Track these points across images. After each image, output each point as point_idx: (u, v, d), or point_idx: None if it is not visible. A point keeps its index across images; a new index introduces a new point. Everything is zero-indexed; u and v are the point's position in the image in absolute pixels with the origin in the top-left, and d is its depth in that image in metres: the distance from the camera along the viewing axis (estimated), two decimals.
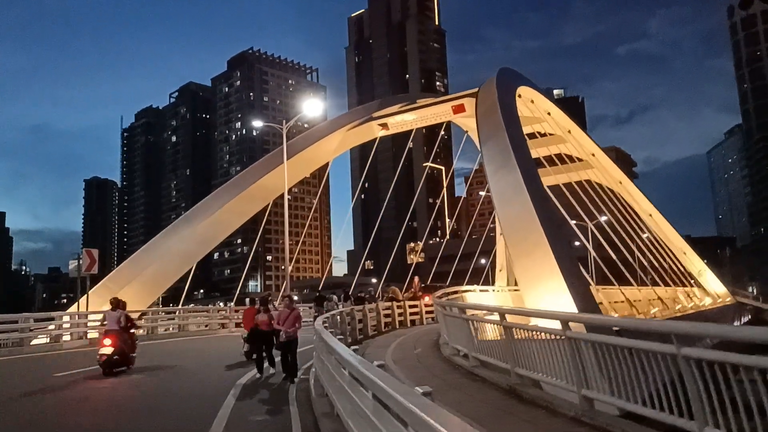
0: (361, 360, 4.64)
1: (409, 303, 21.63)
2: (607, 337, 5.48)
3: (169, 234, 31.62)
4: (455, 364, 10.06)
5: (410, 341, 14.72)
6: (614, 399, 5.43)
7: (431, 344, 13.42)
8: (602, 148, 55.01)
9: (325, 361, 7.52)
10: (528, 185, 22.20)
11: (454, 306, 9.98)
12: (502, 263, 53.20)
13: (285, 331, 10.78)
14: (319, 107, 27.95)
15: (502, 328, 7.95)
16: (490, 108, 28.86)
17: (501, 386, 7.87)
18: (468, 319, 9.32)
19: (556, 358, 6.60)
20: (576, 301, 17.58)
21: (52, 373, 11.64)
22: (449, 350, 11.07)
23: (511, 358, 7.68)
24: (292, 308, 11.20)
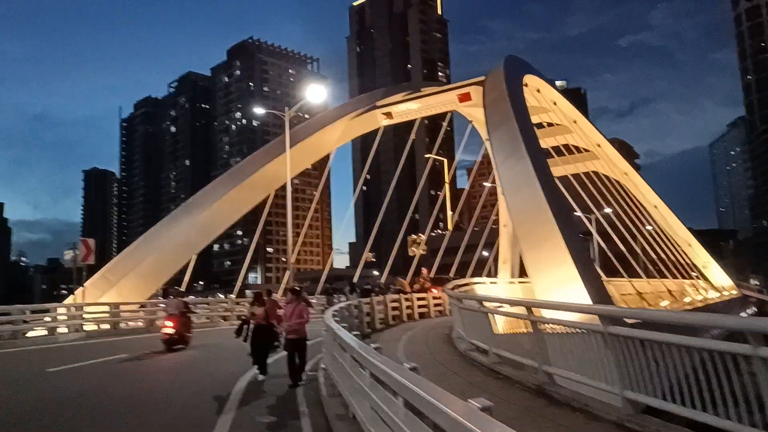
0: (388, 361, 4.04)
1: (416, 295, 21.06)
2: (661, 334, 4.87)
3: (169, 223, 31.00)
4: (473, 361, 9.48)
5: (420, 335, 14.15)
6: (670, 405, 4.82)
7: (443, 338, 12.84)
8: (606, 139, 54.34)
9: (338, 358, 6.93)
10: (538, 174, 21.57)
11: (472, 299, 9.38)
12: (506, 255, 52.66)
13: (288, 324, 9.47)
14: (323, 93, 27.19)
15: (528, 323, 7.34)
16: (499, 96, 28.18)
17: (527, 385, 7.28)
18: (488, 312, 8.72)
19: (593, 356, 6.00)
20: (590, 293, 16.99)
21: (44, 369, 11.06)
22: (465, 345, 10.48)
23: (539, 355, 7.08)
24: (298, 301, 9.89)
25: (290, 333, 9.59)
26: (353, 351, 5.14)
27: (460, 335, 11.50)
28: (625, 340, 5.36)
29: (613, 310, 6.25)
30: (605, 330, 5.52)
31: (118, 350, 13.88)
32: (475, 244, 51.50)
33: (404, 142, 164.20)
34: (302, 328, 9.65)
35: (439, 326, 15.85)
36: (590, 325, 5.89)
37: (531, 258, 19.29)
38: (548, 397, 6.61)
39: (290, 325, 9.55)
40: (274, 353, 10.92)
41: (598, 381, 5.90)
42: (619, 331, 5.44)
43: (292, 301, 9.95)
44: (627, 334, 5.32)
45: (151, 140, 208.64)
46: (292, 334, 9.55)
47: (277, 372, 10.21)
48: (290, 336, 9.59)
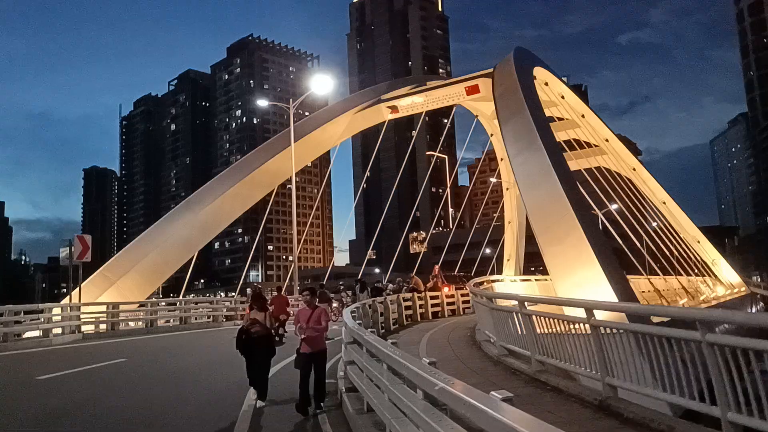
0: (471, 390, 3.08)
1: (430, 294, 20.07)
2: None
3: (170, 220, 30.02)
4: (510, 368, 8.50)
5: (441, 337, 13.16)
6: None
7: (467, 341, 11.88)
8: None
9: (369, 367, 5.94)
10: (555, 167, 20.58)
11: (509, 298, 8.40)
12: (510, 253, 51.86)
13: (302, 329, 7.34)
14: (329, 83, 26.21)
15: (587, 328, 6.36)
16: (510, 87, 27.18)
17: (586, 399, 6.30)
18: (530, 314, 7.73)
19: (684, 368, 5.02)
20: (616, 290, 16.02)
21: (33, 376, 10.07)
22: (497, 350, 9.50)
23: (602, 365, 6.10)
24: (313, 305, 7.72)
25: (304, 345, 7.49)
26: (402, 366, 4.14)
27: (488, 338, 10.54)
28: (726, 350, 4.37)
29: (708, 314, 5.26)
30: (704, 339, 4.53)
31: (116, 354, 12.92)
32: (476, 242, 50.69)
33: (404, 140, 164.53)
34: (320, 339, 7.56)
35: (458, 327, 14.89)
36: (683, 333, 4.90)
37: (551, 255, 18.30)
38: (617, 415, 5.63)
39: (305, 334, 7.39)
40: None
41: (688, 399, 4.91)
42: (726, 340, 4.44)
43: (309, 304, 7.77)
44: (736, 344, 4.33)
45: (151, 138, 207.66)
46: (308, 346, 7.45)
47: (282, 391, 8.47)
48: (304, 350, 7.49)
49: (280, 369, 10.17)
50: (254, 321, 8.32)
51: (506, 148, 23.82)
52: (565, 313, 6.83)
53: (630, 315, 8.26)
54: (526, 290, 25.17)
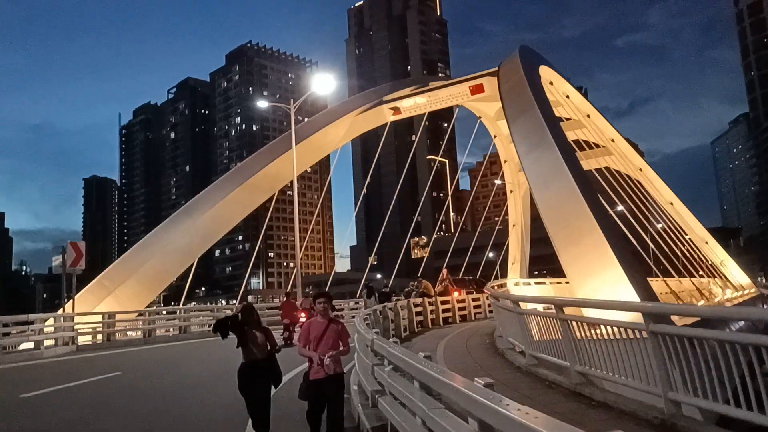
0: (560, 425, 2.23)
1: (440, 299, 19.19)
2: None
3: (169, 227, 29.19)
4: (543, 379, 7.65)
5: (457, 345, 12.29)
6: None
7: (488, 349, 11.03)
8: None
9: (392, 383, 5.09)
10: (569, 165, 19.77)
11: (544, 303, 7.56)
12: (515, 256, 51.04)
13: (321, 358, 5.40)
14: (331, 83, 25.44)
15: (641, 334, 5.51)
16: (517, 84, 26.41)
17: (643, 418, 5.46)
18: (567, 319, 6.88)
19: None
20: (639, 294, 15.16)
21: (18, 393, 9.21)
22: (525, 359, 8.64)
23: (664, 378, 5.25)
24: (330, 317, 5.74)
25: (318, 370, 5.47)
26: (458, 396, 3.26)
27: (512, 346, 9.69)
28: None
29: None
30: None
31: (110, 367, 12.06)
32: (479, 246, 49.98)
33: (404, 144, 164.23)
34: (339, 365, 5.59)
35: (474, 333, 14.04)
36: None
37: (568, 256, 17.45)
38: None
39: (318, 359, 5.45)
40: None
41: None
42: None
43: (322, 315, 5.72)
44: None
45: (151, 147, 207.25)
46: (323, 372, 5.44)
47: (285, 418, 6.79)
48: (317, 375, 5.49)
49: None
50: (253, 341, 6.10)
51: (516, 147, 23.03)
52: (611, 317, 5.99)
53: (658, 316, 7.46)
54: (541, 294, 24.27)
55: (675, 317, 8.30)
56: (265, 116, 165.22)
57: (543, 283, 26.42)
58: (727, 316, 9.62)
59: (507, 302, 9.47)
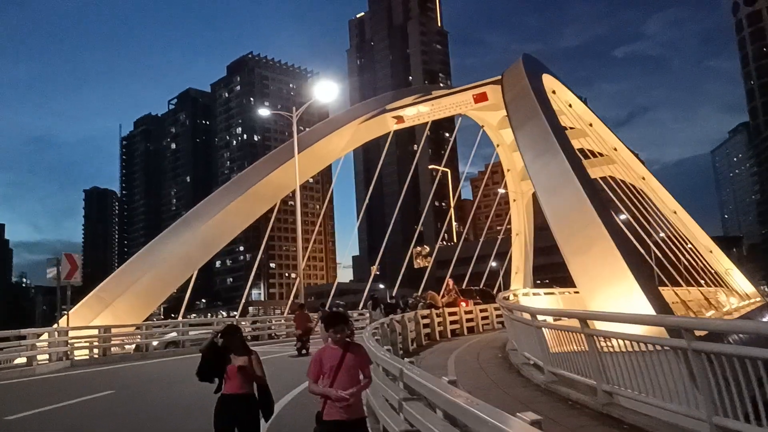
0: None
1: (448, 310, 18.63)
2: None
3: (168, 238, 28.67)
4: (565, 398, 7.12)
5: (468, 359, 11.72)
6: None
7: (501, 364, 10.49)
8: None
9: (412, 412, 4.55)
10: (576, 172, 19.33)
11: (568, 316, 7.02)
12: (518, 265, 50.56)
13: (340, 395, 4.21)
14: (334, 90, 25.04)
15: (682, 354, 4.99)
16: (521, 91, 26.06)
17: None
18: (594, 334, 6.37)
19: None
20: (653, 305, 14.63)
21: (2, 416, 8.66)
22: (543, 376, 8.11)
23: (709, 401, 4.73)
24: (348, 337, 4.50)
25: (334, 410, 4.27)
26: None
27: (528, 361, 9.16)
28: None
29: None
30: None
31: (103, 385, 11.52)
32: (482, 255, 49.57)
33: (406, 154, 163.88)
34: (358, 401, 4.38)
35: (484, 347, 13.49)
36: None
37: (577, 265, 16.94)
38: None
39: (335, 395, 4.23)
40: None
41: None
42: None
43: (338, 341, 4.38)
44: None
45: (152, 158, 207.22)
46: (339, 410, 4.26)
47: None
48: (331, 415, 4.27)
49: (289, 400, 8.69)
50: (236, 369, 5.07)
51: (522, 154, 22.61)
52: (631, 331, 5.49)
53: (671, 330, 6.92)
54: (552, 305, 23.73)
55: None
56: (267, 126, 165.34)
57: (552, 293, 25.85)
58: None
59: (523, 315, 8.95)
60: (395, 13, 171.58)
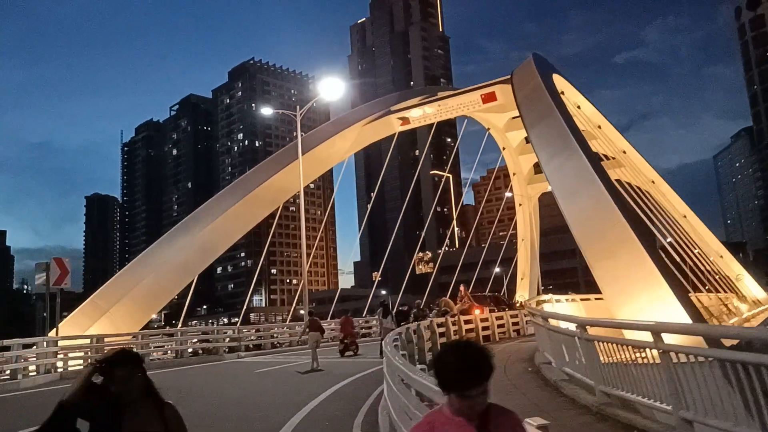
0: None
1: (463, 318, 17.50)
2: None
3: (167, 243, 27.64)
4: (625, 424, 6.03)
5: (495, 373, 10.55)
6: None
7: (533, 379, 9.41)
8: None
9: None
10: (597, 172, 18.29)
11: (633, 328, 5.92)
12: (524, 271, 49.54)
13: None
14: (340, 87, 24.07)
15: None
16: (534, 89, 25.06)
17: None
18: (671, 350, 5.28)
19: None
20: (689, 313, 13.54)
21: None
22: (594, 397, 7.01)
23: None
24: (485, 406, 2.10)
25: None
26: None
27: (567, 377, 8.08)
28: None
29: None
30: None
31: None
32: (486, 261, 48.64)
33: (407, 158, 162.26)
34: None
35: (508, 358, 12.37)
36: None
37: (603, 270, 15.86)
38: None
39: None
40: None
41: None
42: None
43: (468, 407, 2.03)
44: None
45: (153, 164, 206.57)
46: None
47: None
48: None
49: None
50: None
51: (537, 153, 21.58)
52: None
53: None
54: (574, 313, 22.63)
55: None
56: (268, 132, 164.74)
57: (574, 300, 24.73)
58: None
59: (561, 324, 7.87)
60: (396, 18, 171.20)
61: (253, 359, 19.34)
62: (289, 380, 13.34)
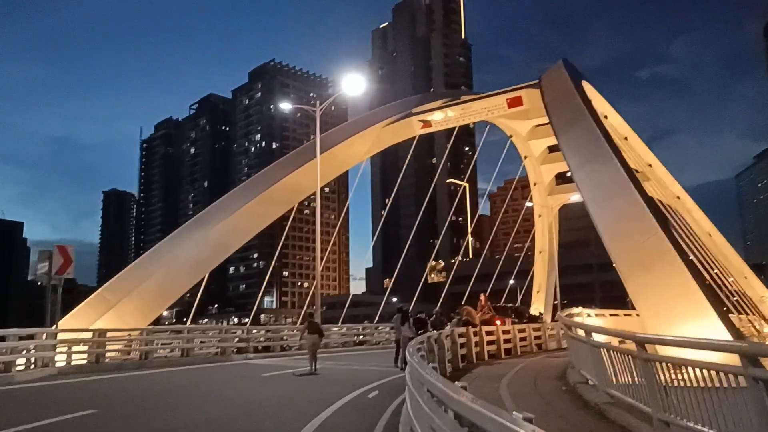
0: None
1: (485, 329, 16.48)
2: None
3: (179, 238, 27.02)
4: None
5: (525, 391, 9.60)
6: None
7: (572, 401, 8.44)
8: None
9: None
10: (633, 180, 17.28)
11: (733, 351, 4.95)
12: (540, 284, 48.38)
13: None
14: (361, 83, 23.34)
15: None
16: (565, 93, 24.12)
17: None
18: (759, 377, 4.35)
19: None
20: (731, 333, 12.47)
21: None
22: (654, 427, 6.05)
23: None
24: None
25: None
26: None
27: (609, 400, 7.11)
28: None
29: None
30: None
31: (87, 400, 9.68)
32: (501, 272, 47.65)
33: (424, 165, 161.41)
34: None
35: (536, 374, 11.41)
36: None
37: (637, 284, 14.82)
38: None
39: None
40: None
41: None
42: None
43: None
44: None
45: (171, 162, 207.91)
46: None
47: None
48: None
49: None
50: None
51: (567, 159, 20.60)
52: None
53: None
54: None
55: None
56: (285, 134, 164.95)
57: (602, 315, 23.61)
58: None
59: (613, 341, 6.92)
60: (419, 24, 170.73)
61: (261, 362, 18.53)
62: (300, 386, 12.48)
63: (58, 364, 14.26)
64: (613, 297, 72.00)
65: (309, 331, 15.23)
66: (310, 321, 15.94)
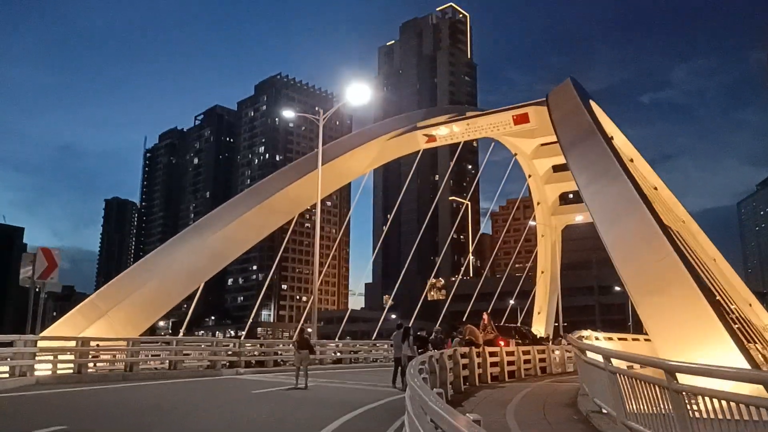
0: None
1: (489, 350, 15.71)
2: None
3: (175, 246, 26.39)
4: None
5: (534, 419, 8.83)
6: None
7: (579, 427, 7.76)
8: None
9: None
10: (642, 198, 16.68)
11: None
12: (541, 305, 47.60)
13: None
14: (366, 93, 22.88)
15: None
16: (573, 110, 23.65)
17: None
18: None
19: None
20: (749, 361, 11.76)
21: None
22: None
23: None
24: None
25: None
26: None
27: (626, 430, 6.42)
28: None
29: None
30: None
31: (57, 415, 8.98)
32: (502, 292, 46.98)
33: (426, 182, 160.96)
34: None
35: (543, 400, 10.66)
36: None
37: (650, 307, 14.13)
38: None
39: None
40: None
41: None
42: None
43: None
44: None
45: (174, 171, 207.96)
46: None
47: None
48: None
49: None
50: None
51: (575, 177, 20.01)
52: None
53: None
54: None
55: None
56: (289, 147, 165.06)
57: (610, 338, 22.85)
58: None
59: (637, 368, 6.24)
60: (425, 42, 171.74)
61: (252, 377, 17.76)
62: (291, 406, 11.74)
63: (41, 373, 13.55)
64: (613, 320, 71.04)
65: (299, 346, 14.98)
66: (301, 336, 15.67)
